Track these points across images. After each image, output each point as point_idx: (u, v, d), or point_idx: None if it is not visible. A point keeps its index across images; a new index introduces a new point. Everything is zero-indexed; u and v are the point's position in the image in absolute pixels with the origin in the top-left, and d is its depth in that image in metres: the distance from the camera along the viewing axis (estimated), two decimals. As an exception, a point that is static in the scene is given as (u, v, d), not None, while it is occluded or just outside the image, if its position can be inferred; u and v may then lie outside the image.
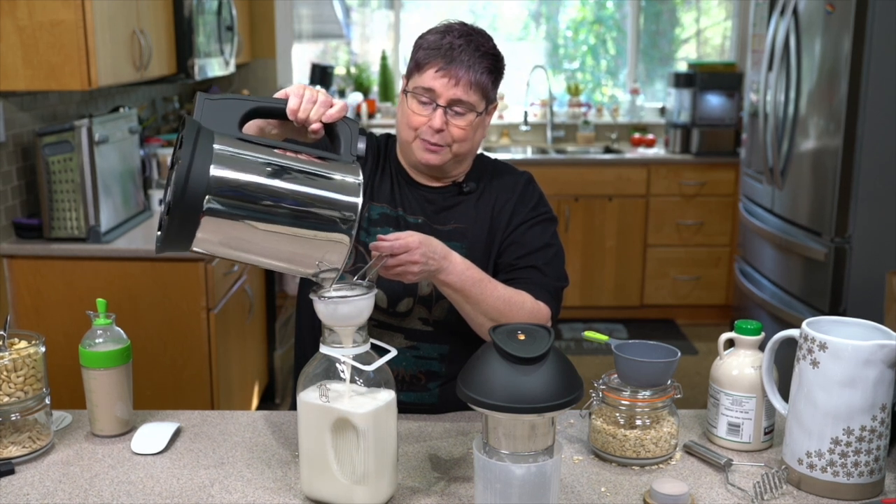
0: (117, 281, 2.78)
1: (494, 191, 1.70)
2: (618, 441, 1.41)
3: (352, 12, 5.55)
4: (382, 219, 1.66)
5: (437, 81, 1.56)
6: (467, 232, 1.65)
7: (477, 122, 1.61)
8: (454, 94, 1.56)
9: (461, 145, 1.61)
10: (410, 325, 1.63)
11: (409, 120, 1.61)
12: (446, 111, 1.58)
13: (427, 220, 1.66)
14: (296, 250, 1.20)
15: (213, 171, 1.12)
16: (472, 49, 1.57)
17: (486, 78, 1.58)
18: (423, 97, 1.58)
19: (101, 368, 1.47)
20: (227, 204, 1.14)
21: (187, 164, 1.11)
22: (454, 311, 1.59)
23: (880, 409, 1.28)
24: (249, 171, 1.16)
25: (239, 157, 1.16)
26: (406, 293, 1.62)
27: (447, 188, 1.69)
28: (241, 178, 1.15)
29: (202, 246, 1.18)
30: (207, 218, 1.13)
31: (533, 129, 5.40)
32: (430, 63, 1.57)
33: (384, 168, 1.71)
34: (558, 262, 1.67)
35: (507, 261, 1.65)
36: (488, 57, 1.59)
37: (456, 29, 1.59)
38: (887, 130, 3.12)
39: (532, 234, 1.66)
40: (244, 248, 1.20)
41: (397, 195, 1.68)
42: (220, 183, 1.13)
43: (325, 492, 1.27)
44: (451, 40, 1.57)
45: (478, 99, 1.59)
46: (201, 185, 1.12)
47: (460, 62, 1.56)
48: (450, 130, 1.59)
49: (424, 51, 1.59)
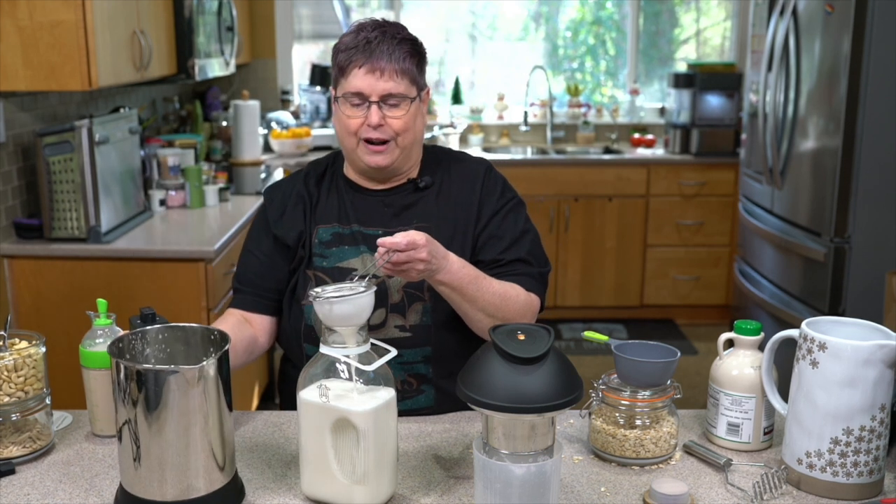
0: (117, 281, 2.78)
1: (453, 182, 1.69)
2: (618, 441, 1.41)
3: (352, 12, 5.55)
4: (335, 238, 1.65)
5: (363, 80, 1.57)
6: (432, 229, 1.63)
7: (414, 110, 1.61)
8: (384, 88, 1.57)
9: (404, 137, 1.61)
10: (388, 335, 1.61)
11: (346, 125, 1.61)
12: (380, 105, 1.58)
13: (385, 228, 1.64)
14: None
15: None
16: (389, 38, 1.58)
17: (409, 63, 1.59)
18: (353, 100, 1.59)
19: (101, 368, 1.47)
20: None
21: None
22: (428, 313, 1.60)
23: (880, 410, 1.28)
24: None
25: None
26: (377, 305, 1.60)
27: (402, 187, 1.69)
28: None
29: None
30: None
31: (533, 130, 5.41)
32: (352, 62, 1.58)
33: (330, 187, 1.71)
34: (538, 247, 1.69)
35: (492, 257, 1.65)
36: (406, 43, 1.60)
37: (369, 25, 1.61)
38: (887, 130, 3.12)
39: (507, 225, 1.66)
40: None
41: (348, 210, 1.67)
42: None
43: (325, 492, 1.27)
44: (366, 35, 1.58)
45: (407, 85, 1.59)
46: None
47: (380, 53, 1.56)
48: (389, 124, 1.59)
49: (343, 52, 1.59)
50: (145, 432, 1.20)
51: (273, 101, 5.03)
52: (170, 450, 1.20)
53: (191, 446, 1.21)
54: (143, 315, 1.42)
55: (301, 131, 4.73)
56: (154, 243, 2.94)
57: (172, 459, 1.21)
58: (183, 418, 1.20)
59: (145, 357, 1.32)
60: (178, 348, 1.33)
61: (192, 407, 1.20)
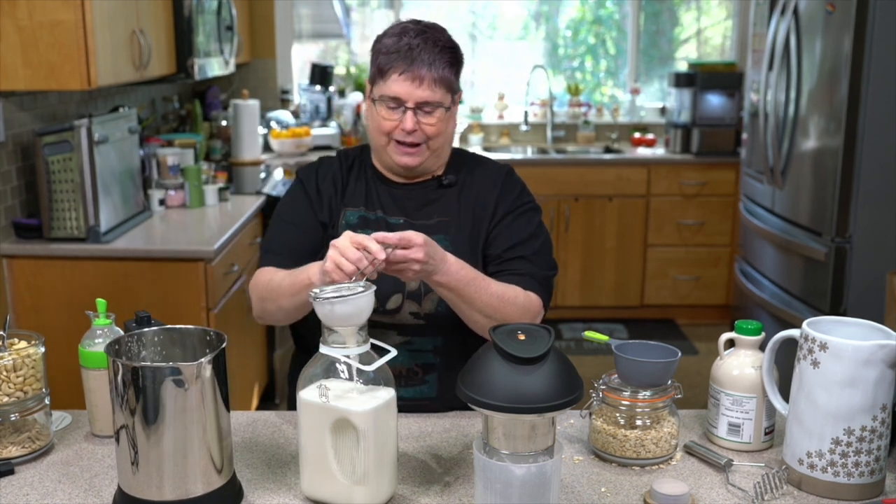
0: (117, 281, 2.78)
1: (475, 183, 1.72)
2: (618, 441, 1.41)
3: (352, 12, 5.55)
4: (361, 222, 1.68)
5: (402, 86, 1.59)
6: (451, 224, 1.68)
7: (447, 116, 1.64)
8: (420, 96, 1.59)
9: (436, 140, 1.64)
10: (402, 321, 1.64)
11: (379, 126, 1.64)
12: (416, 112, 1.60)
13: (409, 219, 1.68)
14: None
15: None
16: (431, 46, 1.59)
17: (448, 72, 1.61)
18: (390, 103, 1.61)
19: (101, 368, 1.47)
20: None
21: None
22: (444, 303, 1.61)
23: (881, 410, 1.28)
24: None
25: None
26: (394, 290, 1.63)
27: (427, 182, 1.72)
28: None
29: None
30: None
31: (533, 129, 5.40)
32: (393, 67, 1.59)
33: (359, 174, 1.74)
34: (546, 251, 1.69)
35: (496, 252, 1.67)
36: (447, 51, 1.61)
37: (411, 29, 1.61)
38: (887, 130, 3.12)
39: (518, 225, 1.68)
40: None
41: (374, 198, 1.71)
42: None
43: (324, 492, 1.27)
44: (408, 41, 1.59)
45: (443, 94, 1.61)
46: None
47: (421, 62, 1.58)
48: (422, 129, 1.62)
49: (385, 55, 1.61)
50: (142, 432, 1.19)
51: (273, 100, 5.03)
52: (167, 449, 1.20)
53: (188, 445, 1.21)
54: (139, 318, 1.42)
55: (301, 131, 4.73)
56: (153, 243, 2.94)
57: (170, 459, 1.20)
58: (180, 417, 1.19)
59: (142, 359, 1.32)
60: (175, 350, 1.33)
61: (189, 406, 1.20)
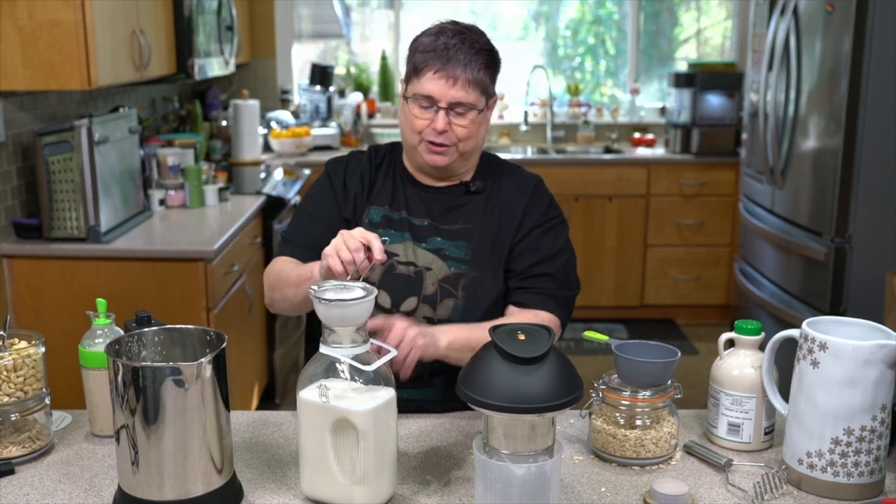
0: (117, 281, 2.78)
1: (503, 191, 1.71)
2: (618, 441, 1.41)
3: (352, 12, 5.55)
4: (385, 221, 1.68)
5: (436, 84, 1.58)
6: (474, 232, 1.67)
7: (479, 119, 1.63)
8: (454, 96, 1.58)
9: (466, 143, 1.63)
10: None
11: (412, 124, 1.63)
12: (448, 112, 1.59)
13: (433, 221, 1.68)
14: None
15: None
16: (468, 47, 1.58)
17: (483, 74, 1.60)
18: (423, 102, 1.60)
19: (101, 368, 1.47)
20: None
21: None
22: (458, 310, 1.61)
23: (880, 410, 1.28)
24: None
25: None
26: (410, 293, 1.62)
27: (454, 188, 1.71)
28: None
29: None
30: None
31: (533, 129, 5.40)
32: (428, 66, 1.59)
33: (387, 173, 1.73)
34: (570, 268, 1.69)
35: (522, 267, 1.66)
36: (483, 53, 1.60)
37: (449, 29, 1.61)
38: (887, 130, 3.12)
39: (545, 240, 1.67)
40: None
41: (401, 198, 1.70)
42: None
43: (324, 492, 1.27)
44: (445, 41, 1.58)
45: (477, 96, 1.60)
46: None
47: (456, 62, 1.57)
48: (454, 130, 1.61)
49: (421, 54, 1.60)
50: (142, 432, 1.20)
51: (273, 100, 5.03)
52: (167, 449, 1.20)
53: (188, 445, 1.21)
54: (139, 318, 1.42)
55: (301, 131, 4.73)
56: (154, 243, 2.94)
57: (170, 459, 1.21)
58: (180, 417, 1.19)
59: (142, 360, 1.32)
60: (175, 350, 1.33)
61: (190, 406, 1.20)
